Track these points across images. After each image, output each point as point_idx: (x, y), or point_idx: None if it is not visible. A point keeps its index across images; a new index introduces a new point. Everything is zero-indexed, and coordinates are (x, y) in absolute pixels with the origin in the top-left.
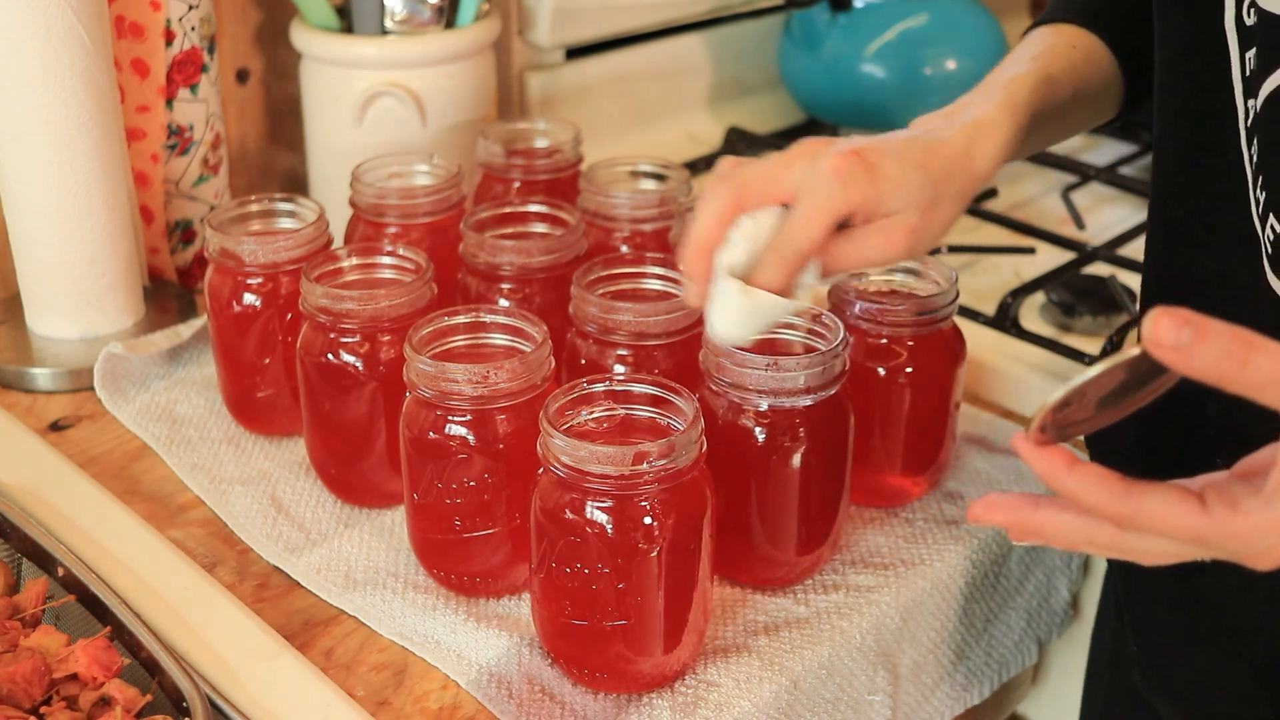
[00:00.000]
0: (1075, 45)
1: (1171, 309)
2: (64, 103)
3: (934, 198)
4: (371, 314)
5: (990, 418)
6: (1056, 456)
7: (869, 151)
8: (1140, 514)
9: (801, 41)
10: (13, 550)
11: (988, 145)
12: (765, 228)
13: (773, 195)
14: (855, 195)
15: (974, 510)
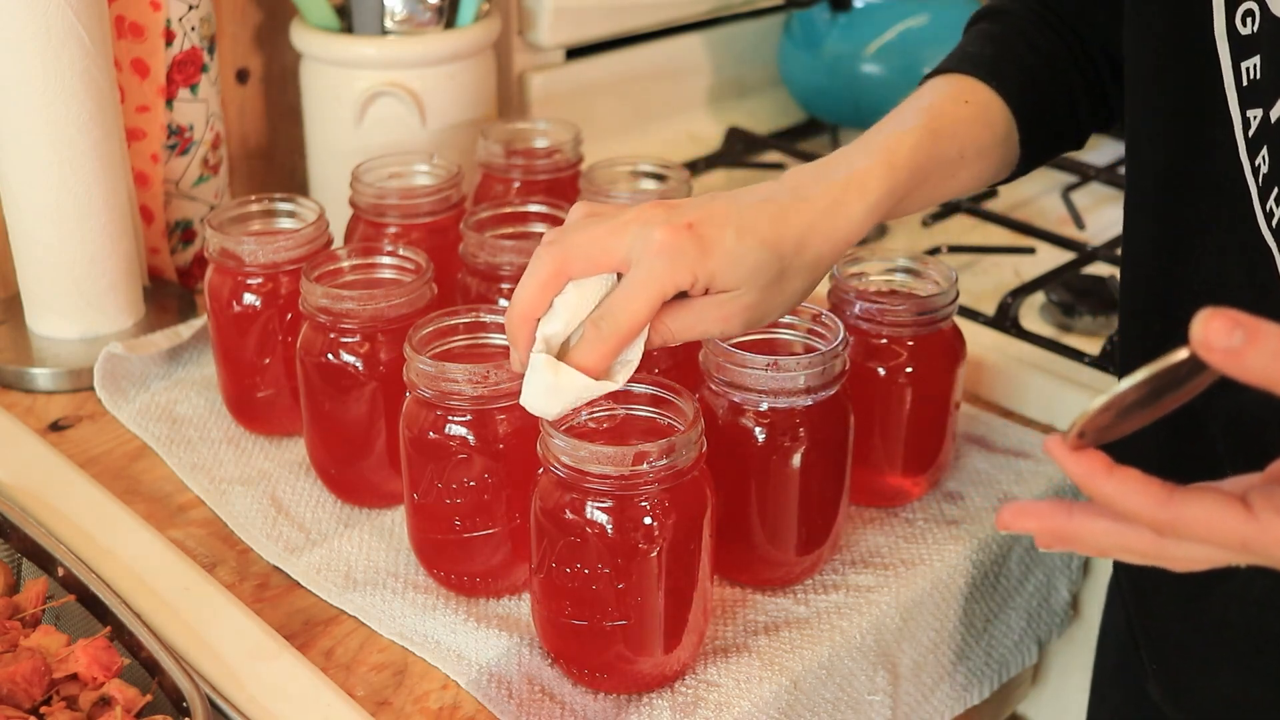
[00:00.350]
0: (968, 100)
1: (1221, 310)
2: (64, 103)
3: (778, 273)
4: (371, 314)
5: (990, 418)
6: (1094, 460)
7: (706, 224)
8: (1182, 520)
9: (801, 41)
10: (13, 550)
11: (855, 207)
12: (591, 298)
13: (601, 264)
14: (684, 275)
15: (1003, 517)
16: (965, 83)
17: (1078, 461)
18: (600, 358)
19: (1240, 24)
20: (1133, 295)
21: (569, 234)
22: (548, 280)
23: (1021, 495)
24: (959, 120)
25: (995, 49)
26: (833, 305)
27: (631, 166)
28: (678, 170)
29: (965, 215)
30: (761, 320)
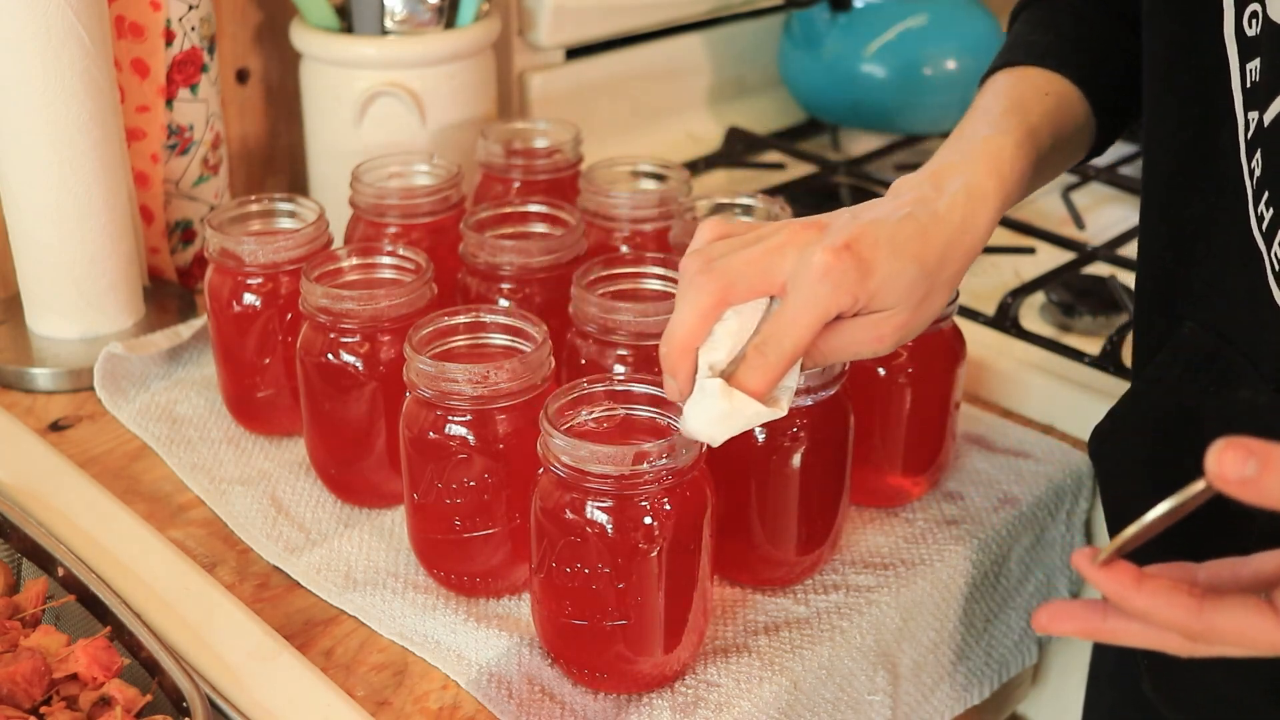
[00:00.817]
0: (1048, 93)
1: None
2: (64, 103)
3: (927, 291)
4: (371, 314)
5: (990, 418)
6: (1123, 575)
7: (862, 245)
8: (1214, 630)
9: (801, 41)
10: (13, 550)
11: (982, 219)
12: (750, 323)
13: (762, 289)
14: (846, 298)
15: (1039, 620)
16: (1040, 75)
17: (1108, 578)
18: (767, 383)
19: (1247, 25)
20: (1143, 293)
21: (725, 260)
22: (710, 309)
23: (1021, 495)
24: (1046, 114)
25: (1056, 35)
26: None
27: (631, 166)
28: (678, 170)
29: None
30: (907, 338)
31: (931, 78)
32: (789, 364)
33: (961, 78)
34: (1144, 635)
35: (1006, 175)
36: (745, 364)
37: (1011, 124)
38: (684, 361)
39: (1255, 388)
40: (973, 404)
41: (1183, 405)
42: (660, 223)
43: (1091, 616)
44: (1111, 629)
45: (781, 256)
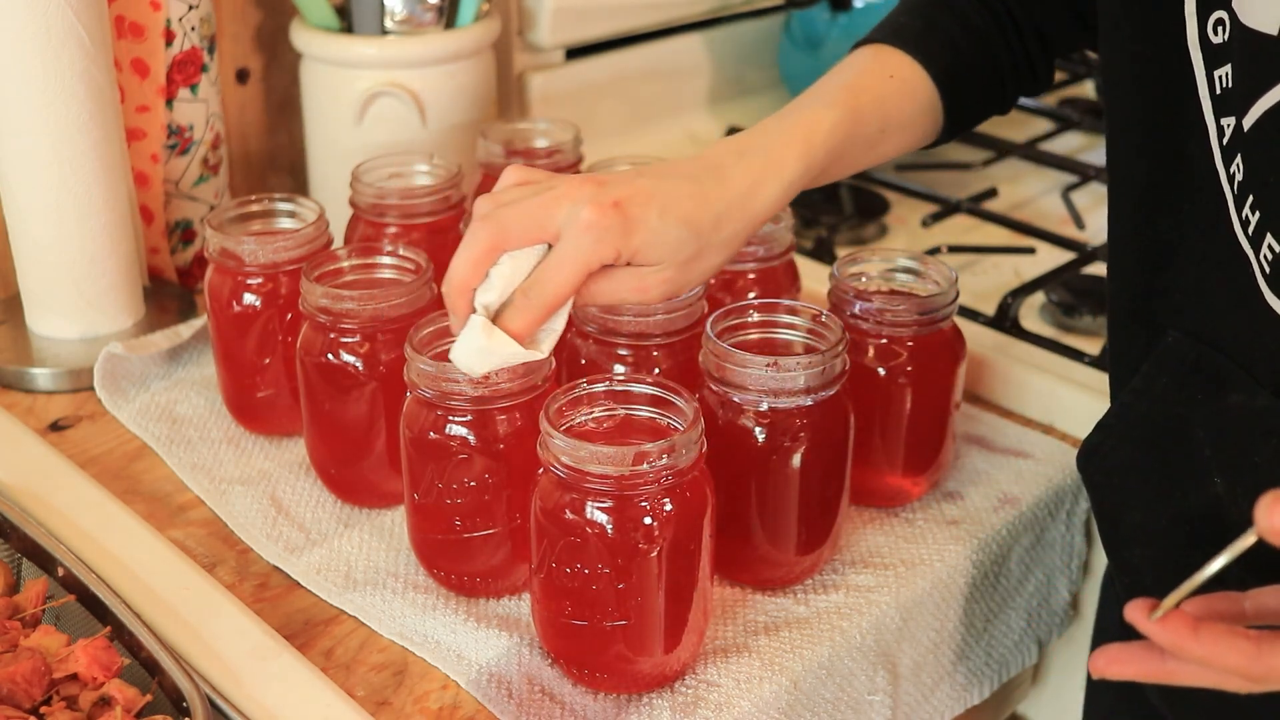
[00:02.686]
0: (893, 75)
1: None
2: (64, 103)
3: (696, 250)
4: (371, 314)
5: (990, 418)
6: (1179, 625)
7: (631, 203)
8: (1276, 671)
9: (801, 41)
10: (13, 550)
11: (771, 189)
12: (524, 267)
13: (533, 237)
14: (608, 250)
15: (1097, 664)
16: (893, 56)
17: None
18: (528, 324)
19: (1212, 33)
20: (1118, 305)
21: (504, 208)
22: (484, 254)
23: (1021, 495)
24: (883, 96)
25: (924, 22)
26: (833, 305)
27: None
28: None
29: (965, 215)
30: (677, 291)
31: None
32: (550, 309)
33: None
34: (1204, 676)
35: (816, 148)
36: (511, 306)
37: (841, 100)
38: (460, 300)
39: (1249, 392)
40: (973, 404)
41: (1172, 415)
42: None
43: (1151, 659)
44: (1172, 671)
45: (556, 208)
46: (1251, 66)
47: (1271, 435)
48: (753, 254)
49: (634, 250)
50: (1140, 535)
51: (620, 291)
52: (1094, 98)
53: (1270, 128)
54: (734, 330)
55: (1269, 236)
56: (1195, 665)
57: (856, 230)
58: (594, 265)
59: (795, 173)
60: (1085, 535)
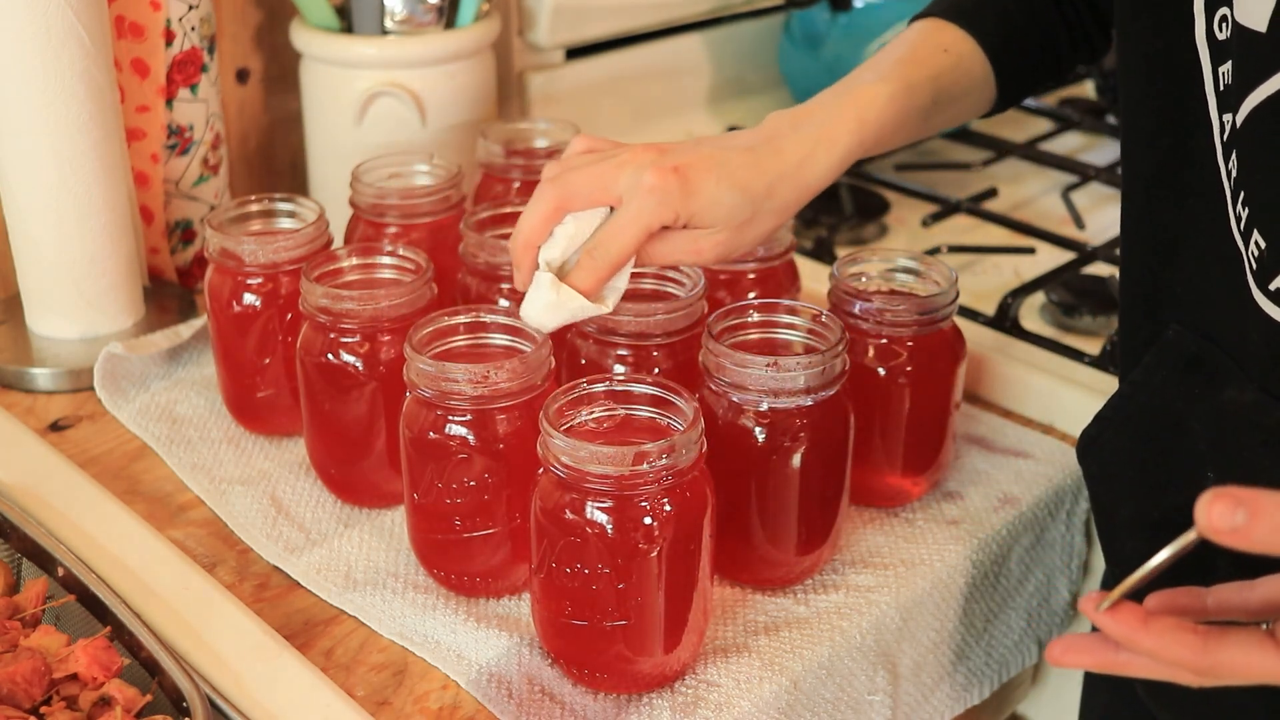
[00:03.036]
0: (948, 49)
1: (1222, 491)
2: (64, 103)
3: (750, 216)
4: (371, 314)
5: (990, 418)
6: (1129, 617)
7: (690, 169)
8: (1220, 666)
9: (801, 41)
10: (13, 550)
11: (823, 160)
12: (587, 228)
13: (598, 199)
14: (668, 213)
15: (1053, 653)
16: (947, 30)
17: (1114, 622)
18: (596, 282)
19: (1217, 29)
20: (1127, 296)
21: (570, 171)
22: (550, 213)
23: (1021, 495)
24: (937, 70)
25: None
26: (833, 305)
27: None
28: None
29: (965, 215)
30: (731, 254)
31: None
32: (615, 267)
33: None
34: (1155, 668)
35: (869, 122)
36: (578, 265)
37: (895, 74)
38: (526, 256)
39: (1241, 387)
40: (973, 404)
41: (1169, 408)
42: None
43: (1104, 650)
44: (1124, 662)
45: (619, 172)
46: (1244, 63)
47: (1258, 430)
48: (753, 254)
49: (692, 213)
50: (1134, 527)
51: (677, 253)
52: (1094, 98)
53: (1257, 125)
54: (734, 330)
55: (1256, 233)
56: (1145, 657)
57: (856, 230)
58: (654, 226)
59: (848, 145)
60: (1085, 535)
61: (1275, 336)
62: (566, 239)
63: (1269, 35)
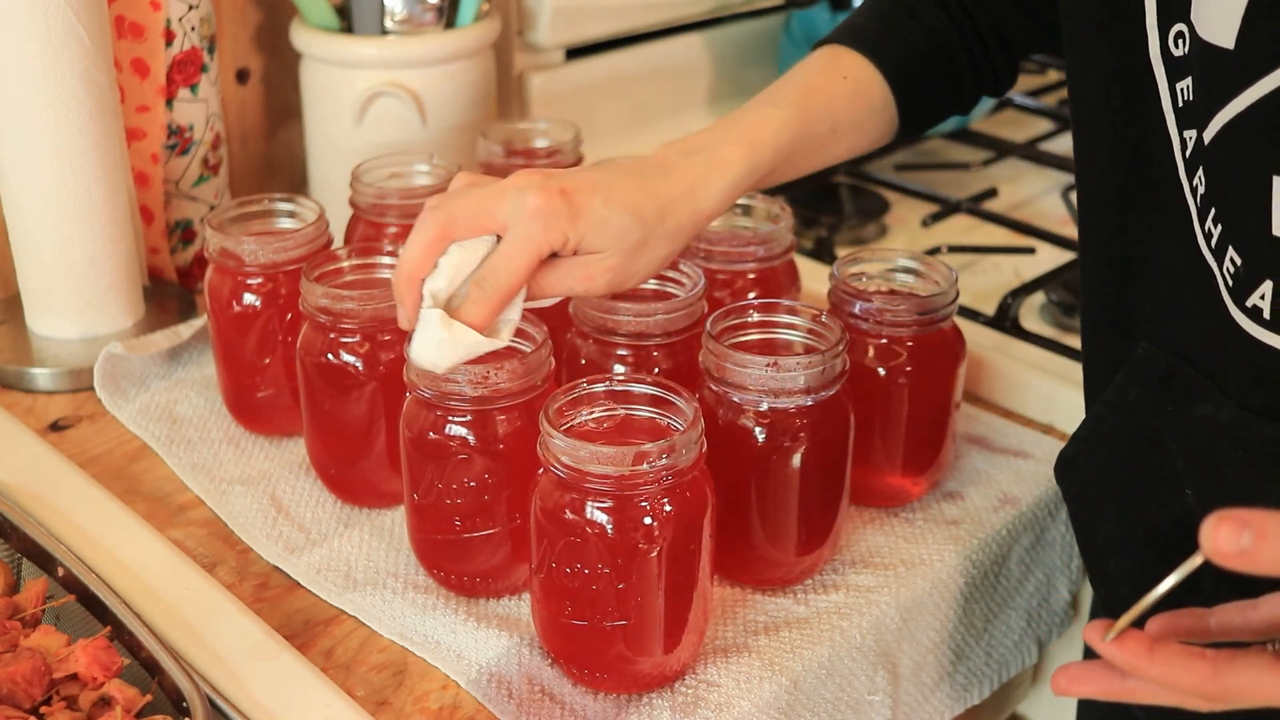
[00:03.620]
0: (847, 76)
1: (1227, 514)
2: (64, 103)
3: (641, 239)
4: (371, 314)
5: (990, 418)
6: (1135, 646)
7: (577, 191)
8: (1230, 691)
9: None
10: (13, 550)
11: (716, 185)
12: (473, 257)
13: (482, 226)
14: (556, 236)
15: (1059, 683)
16: (848, 57)
17: (1121, 652)
18: (487, 314)
19: (1173, 46)
20: (1091, 315)
21: (452, 199)
22: (432, 242)
23: (1021, 495)
24: (835, 97)
25: (881, 24)
26: (833, 305)
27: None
28: None
29: (965, 215)
30: (624, 283)
31: None
32: (506, 297)
33: None
34: (1164, 695)
35: (763, 147)
36: (468, 299)
37: (790, 100)
38: (409, 290)
39: (1216, 404)
40: (973, 404)
41: (1144, 426)
42: None
43: (1111, 678)
44: (1131, 689)
45: (501, 198)
46: (1210, 80)
47: (1238, 447)
48: (753, 254)
49: (580, 235)
50: (1115, 546)
51: (568, 280)
52: None
53: (1230, 141)
54: (734, 330)
55: (1231, 249)
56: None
57: (856, 230)
58: (544, 251)
59: (740, 171)
60: None
61: (1254, 353)
62: (452, 269)
63: (1237, 52)
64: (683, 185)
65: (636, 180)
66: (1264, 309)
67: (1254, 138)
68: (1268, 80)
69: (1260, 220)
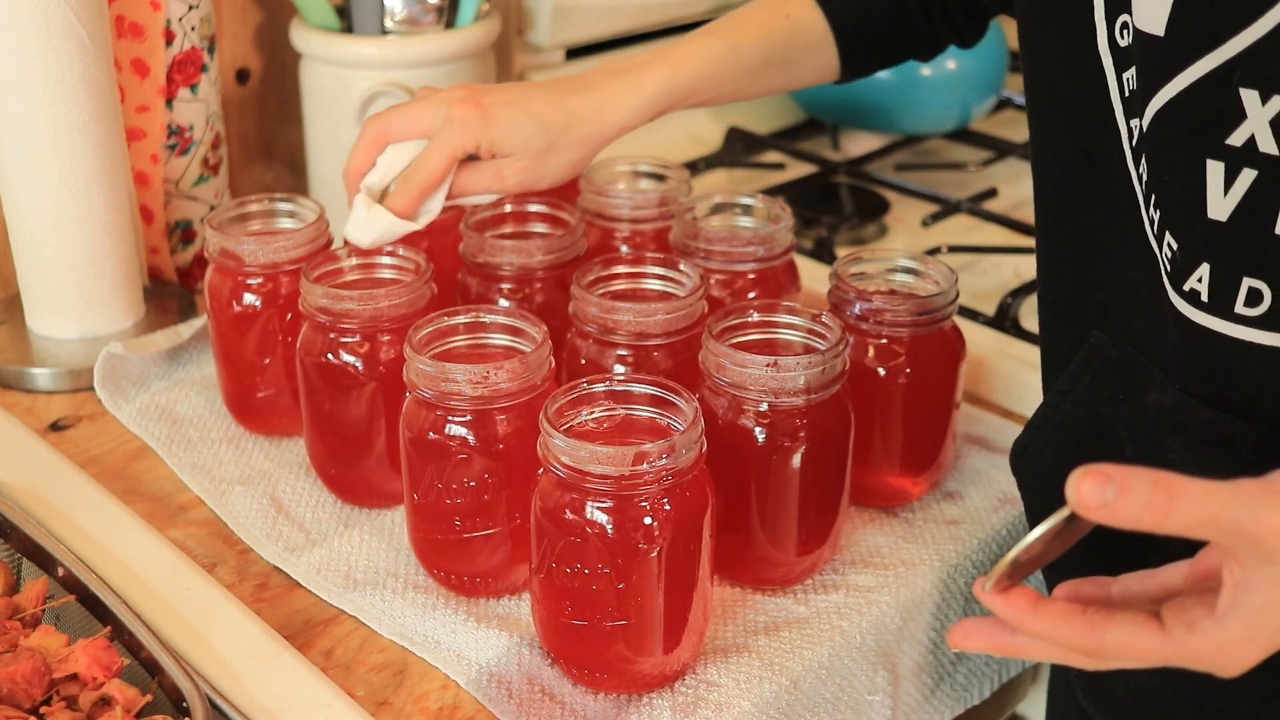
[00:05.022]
0: (789, 15)
1: (1091, 468)
2: (64, 103)
3: (547, 146)
4: (371, 314)
5: (990, 418)
6: (1020, 600)
7: (493, 104)
8: (1105, 646)
9: None
10: (13, 550)
11: (628, 102)
12: (405, 158)
13: (411, 131)
14: (469, 139)
15: (954, 637)
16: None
17: (1005, 605)
18: (408, 202)
19: (1119, 37)
20: (1046, 304)
21: (390, 109)
22: (370, 143)
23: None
24: (771, 34)
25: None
26: (833, 305)
27: (631, 166)
28: (678, 170)
29: (965, 215)
30: (536, 183)
31: (931, 78)
32: (425, 189)
33: (961, 77)
34: (1048, 650)
35: (682, 72)
36: (395, 190)
37: (723, 32)
38: (351, 183)
39: (1162, 390)
40: (973, 404)
41: (1094, 414)
42: (660, 223)
43: (1001, 634)
44: (1019, 645)
45: (428, 107)
46: (1145, 68)
47: (1181, 432)
48: (753, 254)
49: (491, 140)
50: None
51: (483, 179)
52: None
53: (1162, 128)
54: (734, 330)
55: (1168, 235)
56: (1038, 640)
57: (856, 230)
58: (458, 152)
59: (655, 90)
60: None
61: (1192, 337)
62: (385, 167)
63: (1167, 39)
64: (596, 101)
65: (550, 94)
66: (1201, 292)
67: (1185, 123)
68: (1196, 67)
69: (1195, 204)
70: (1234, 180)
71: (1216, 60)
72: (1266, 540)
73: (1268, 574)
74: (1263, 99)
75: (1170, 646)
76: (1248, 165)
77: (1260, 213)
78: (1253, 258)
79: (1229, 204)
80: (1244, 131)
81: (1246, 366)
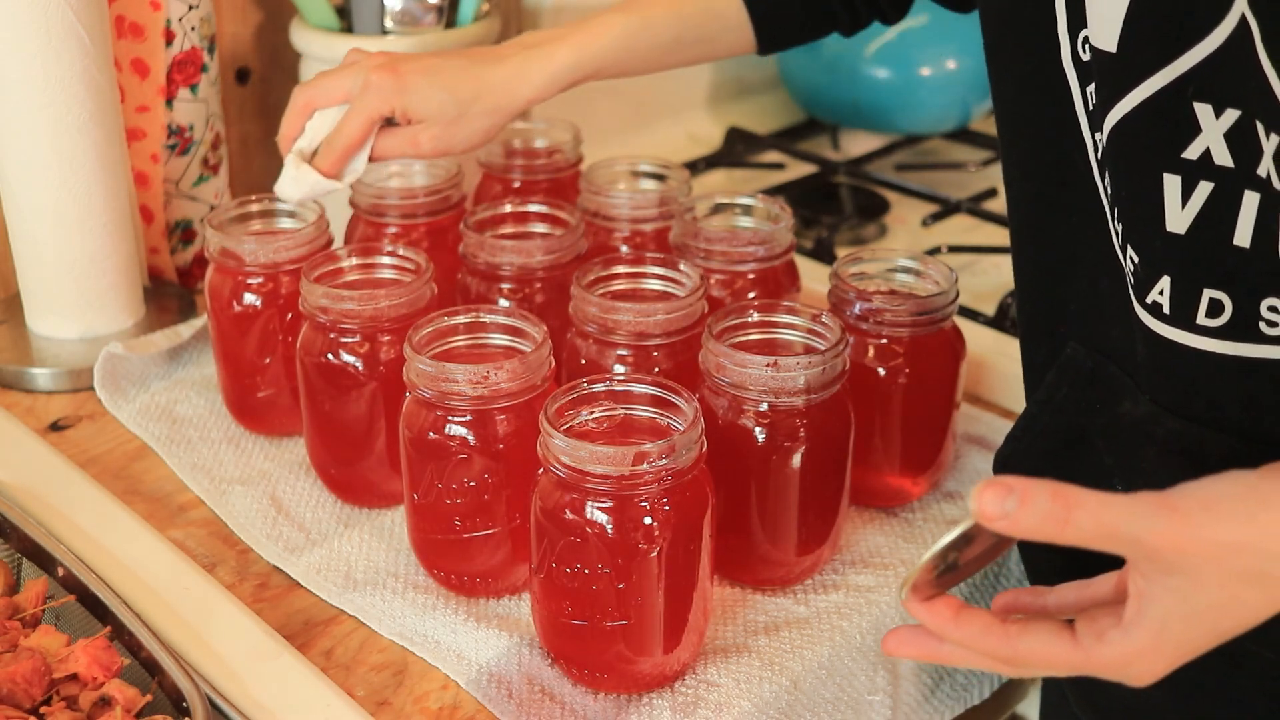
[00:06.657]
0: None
1: (994, 480)
2: (64, 103)
3: (458, 114)
4: (371, 314)
5: (990, 418)
6: (942, 608)
7: (408, 73)
8: (1019, 655)
9: None
10: (13, 550)
11: (536, 75)
12: (330, 123)
13: (334, 97)
14: (383, 105)
15: (887, 645)
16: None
17: (929, 612)
18: (332, 163)
19: (1081, 51)
20: (1024, 316)
21: (316, 78)
22: (300, 109)
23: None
24: (683, 13)
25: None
26: (833, 305)
27: (631, 166)
28: (678, 170)
29: (965, 215)
30: (449, 149)
31: (931, 78)
32: (346, 151)
33: (962, 77)
34: (971, 658)
35: (592, 46)
36: (320, 152)
37: (636, 8)
38: (284, 146)
39: (1134, 400)
40: (973, 404)
41: (1073, 424)
42: (660, 223)
43: (930, 642)
44: (948, 653)
45: (348, 75)
46: (1102, 83)
47: (1152, 442)
48: (753, 254)
49: (404, 107)
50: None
51: (400, 145)
52: None
53: (1121, 142)
54: (734, 330)
55: (1130, 248)
56: (960, 648)
57: (856, 230)
58: (375, 117)
59: (564, 63)
60: None
61: (1157, 349)
62: (312, 131)
63: (1120, 55)
64: (506, 73)
65: (463, 65)
66: (1163, 304)
67: (1141, 137)
68: (1149, 82)
69: (1154, 217)
70: (1191, 193)
71: (1169, 76)
72: (1161, 552)
73: (1168, 584)
74: (1216, 113)
75: (1081, 656)
76: (1204, 178)
77: (1218, 225)
78: (1212, 269)
79: (1187, 216)
80: (1199, 145)
81: (1209, 377)
